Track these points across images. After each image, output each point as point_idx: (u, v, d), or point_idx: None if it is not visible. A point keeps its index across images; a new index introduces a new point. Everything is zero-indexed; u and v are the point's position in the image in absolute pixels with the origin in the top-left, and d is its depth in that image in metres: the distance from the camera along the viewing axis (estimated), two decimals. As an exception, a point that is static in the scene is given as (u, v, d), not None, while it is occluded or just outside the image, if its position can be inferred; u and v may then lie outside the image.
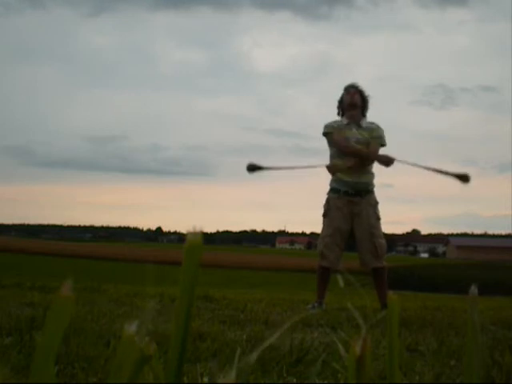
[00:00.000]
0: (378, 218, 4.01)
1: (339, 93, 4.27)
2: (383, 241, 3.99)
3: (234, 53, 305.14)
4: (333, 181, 4.06)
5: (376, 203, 4.03)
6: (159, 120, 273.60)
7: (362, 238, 3.94)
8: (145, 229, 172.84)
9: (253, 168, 3.85)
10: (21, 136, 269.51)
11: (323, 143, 4.20)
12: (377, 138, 4.06)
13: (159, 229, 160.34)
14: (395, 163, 3.94)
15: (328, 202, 4.04)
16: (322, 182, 4.14)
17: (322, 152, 4.23)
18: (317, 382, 1.43)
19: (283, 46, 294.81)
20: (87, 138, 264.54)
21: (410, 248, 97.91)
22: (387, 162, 3.96)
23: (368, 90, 4.24)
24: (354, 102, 4.11)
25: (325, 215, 4.04)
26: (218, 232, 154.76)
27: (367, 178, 4.02)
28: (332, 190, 4.04)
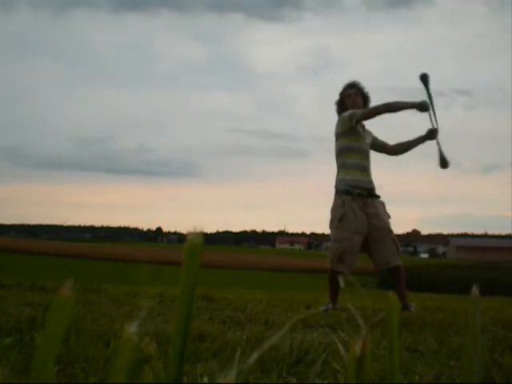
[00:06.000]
0: (389, 217, 4.05)
1: (333, 92, 4.25)
2: (397, 238, 4.02)
3: (229, 52, 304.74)
4: (343, 183, 3.98)
5: (384, 203, 4.06)
6: (160, 120, 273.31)
7: (382, 238, 3.91)
8: (145, 229, 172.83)
9: (425, 80, 3.86)
10: (19, 136, 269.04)
11: (321, 143, 4.20)
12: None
13: (159, 229, 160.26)
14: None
15: (343, 204, 3.94)
16: (323, 182, 4.15)
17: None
18: (317, 382, 1.43)
19: (279, 43, 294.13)
20: (86, 138, 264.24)
21: (410, 248, 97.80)
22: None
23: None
24: (356, 106, 4.07)
25: (341, 218, 3.93)
26: (218, 232, 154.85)
27: (371, 177, 4.03)
28: (345, 192, 3.95)
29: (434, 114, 3.92)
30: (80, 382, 1.36)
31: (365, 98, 4.16)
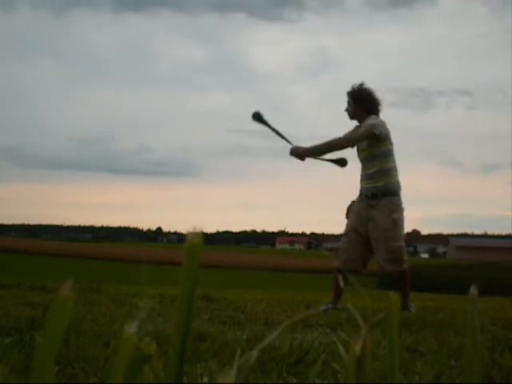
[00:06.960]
0: (395, 222, 3.91)
1: (333, 92, 4.27)
2: (399, 244, 3.91)
3: (229, 52, 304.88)
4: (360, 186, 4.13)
5: (395, 206, 3.94)
6: (160, 120, 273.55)
7: (376, 242, 3.92)
8: (145, 229, 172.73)
9: (258, 118, 4.06)
10: (19, 136, 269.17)
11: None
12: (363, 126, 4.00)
13: (159, 229, 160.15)
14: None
15: (351, 204, 4.12)
16: (323, 182, 4.17)
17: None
18: (317, 382, 1.43)
19: (279, 43, 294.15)
20: (86, 138, 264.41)
21: (410, 248, 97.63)
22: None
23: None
24: (351, 115, 4.12)
25: (346, 216, 4.13)
26: (218, 232, 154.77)
27: (385, 180, 3.96)
28: (359, 195, 4.10)
29: (288, 141, 4.13)
30: (80, 382, 1.36)
31: (360, 101, 4.03)
